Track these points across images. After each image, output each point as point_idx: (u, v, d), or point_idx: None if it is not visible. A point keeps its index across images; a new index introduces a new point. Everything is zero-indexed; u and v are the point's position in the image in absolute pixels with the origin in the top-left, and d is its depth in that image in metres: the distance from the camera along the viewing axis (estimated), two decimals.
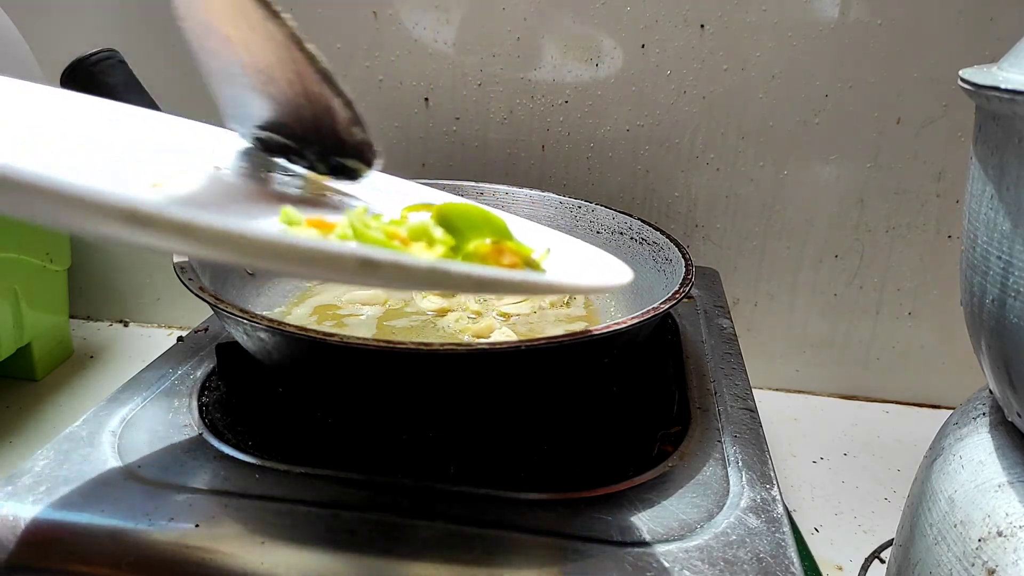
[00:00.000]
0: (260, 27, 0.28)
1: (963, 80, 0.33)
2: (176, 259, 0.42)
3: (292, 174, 0.38)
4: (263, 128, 0.35)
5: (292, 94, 0.31)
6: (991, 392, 0.38)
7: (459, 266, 0.25)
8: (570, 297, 0.53)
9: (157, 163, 0.33)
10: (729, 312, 0.58)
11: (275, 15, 0.27)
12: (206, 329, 0.51)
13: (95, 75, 0.45)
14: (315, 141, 0.33)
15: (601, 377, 0.46)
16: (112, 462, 0.36)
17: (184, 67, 0.73)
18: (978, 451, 0.37)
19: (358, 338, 0.33)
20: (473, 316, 0.50)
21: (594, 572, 0.30)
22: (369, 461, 0.37)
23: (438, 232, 0.30)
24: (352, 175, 0.36)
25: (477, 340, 0.46)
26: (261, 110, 0.33)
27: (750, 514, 0.34)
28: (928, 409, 0.75)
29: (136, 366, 0.45)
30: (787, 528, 0.33)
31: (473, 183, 0.62)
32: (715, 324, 0.55)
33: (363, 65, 0.71)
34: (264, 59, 0.30)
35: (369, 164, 0.34)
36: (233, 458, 0.37)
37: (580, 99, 0.70)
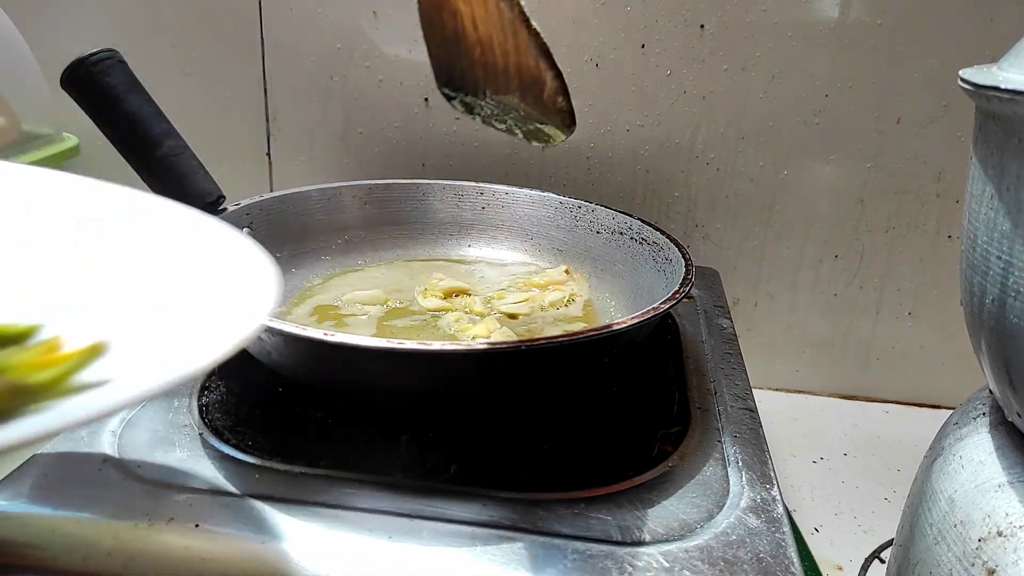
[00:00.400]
0: (492, 5, 0.34)
1: (963, 80, 0.33)
2: None
3: None
4: (470, 92, 0.40)
5: (505, 64, 0.36)
6: (991, 392, 0.38)
7: None
8: (569, 299, 0.53)
9: None
10: (729, 312, 0.58)
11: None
12: None
13: (95, 75, 0.45)
14: (516, 107, 0.38)
15: (601, 377, 0.46)
16: (112, 462, 0.36)
17: (184, 67, 0.74)
18: (978, 451, 0.37)
19: (358, 338, 0.33)
20: (475, 317, 0.50)
21: (594, 572, 0.30)
22: (369, 461, 0.37)
23: None
24: (547, 139, 0.40)
25: (477, 340, 0.46)
26: (473, 76, 0.38)
27: (750, 514, 0.34)
28: (928, 409, 0.75)
29: None
30: (787, 528, 0.33)
31: (473, 183, 0.62)
32: (715, 324, 0.55)
33: (363, 65, 0.71)
34: (486, 32, 0.35)
35: (568, 131, 0.38)
36: (233, 458, 0.37)
37: (580, 99, 0.69)
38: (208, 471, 0.36)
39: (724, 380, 0.47)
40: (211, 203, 0.49)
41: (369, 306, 0.51)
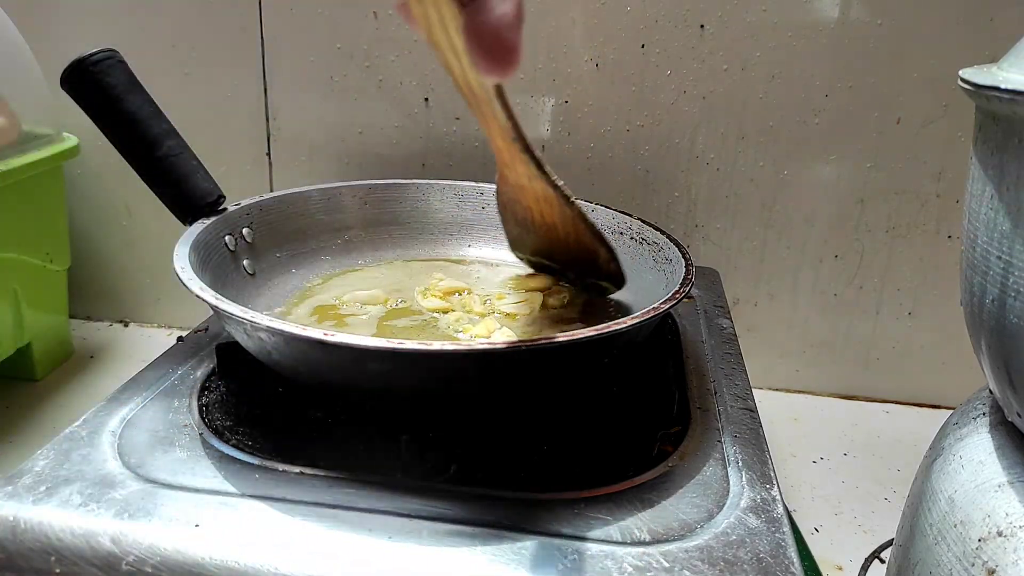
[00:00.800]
0: (557, 207, 0.44)
1: (963, 80, 0.33)
2: (176, 259, 0.42)
3: None
4: (538, 255, 0.53)
5: (566, 240, 0.47)
6: (991, 392, 0.38)
7: None
8: (568, 301, 0.53)
9: None
10: (729, 312, 0.58)
11: (571, 203, 0.44)
12: (206, 329, 0.51)
13: (95, 75, 0.45)
14: (574, 267, 0.51)
15: (601, 377, 0.46)
16: (112, 462, 0.36)
17: (184, 67, 0.74)
18: (978, 451, 0.37)
19: (358, 338, 0.33)
20: (475, 317, 0.50)
21: (594, 572, 0.30)
22: (369, 461, 0.37)
23: None
24: (603, 292, 0.51)
25: (477, 340, 0.46)
26: (540, 245, 0.51)
27: (750, 514, 0.34)
28: (928, 409, 0.75)
29: (136, 366, 0.45)
30: (787, 528, 0.33)
31: (473, 183, 0.62)
32: (715, 324, 0.55)
33: (363, 65, 0.71)
34: (552, 218, 0.46)
35: (618, 288, 0.50)
36: (233, 458, 0.37)
37: (580, 99, 0.70)
38: (208, 471, 0.36)
39: (724, 380, 0.47)
40: (211, 203, 0.49)
41: (369, 306, 0.51)
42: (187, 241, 0.44)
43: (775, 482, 0.37)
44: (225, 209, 0.50)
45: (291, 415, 0.41)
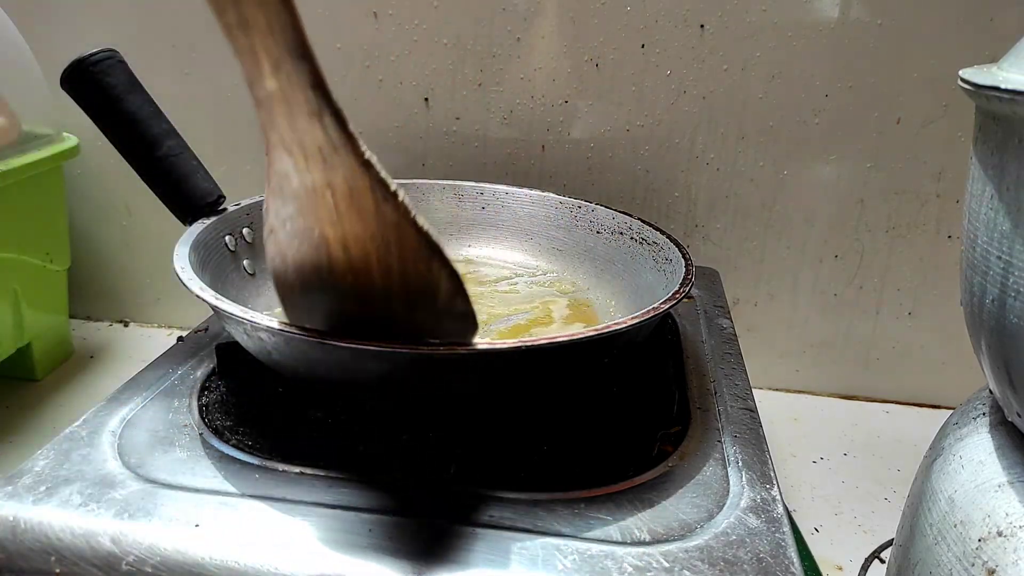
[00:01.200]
0: (371, 209, 0.27)
1: (963, 80, 0.33)
2: (176, 259, 0.42)
3: None
4: (345, 317, 0.34)
5: (385, 281, 0.30)
6: (991, 392, 0.38)
7: None
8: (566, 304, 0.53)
9: None
10: (729, 312, 0.58)
11: (393, 195, 0.26)
12: (206, 329, 0.51)
13: (95, 75, 0.45)
14: (407, 321, 0.32)
15: (601, 377, 0.46)
16: (112, 462, 0.36)
17: (184, 67, 0.74)
18: (978, 451, 0.37)
19: (358, 338, 0.33)
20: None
21: (594, 572, 0.30)
22: (369, 461, 0.37)
23: None
24: (448, 346, 0.33)
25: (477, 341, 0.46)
26: (343, 309, 0.33)
27: (750, 514, 0.34)
28: (928, 409, 0.75)
29: (136, 366, 0.45)
30: (787, 528, 0.33)
31: (473, 183, 0.62)
32: (715, 324, 0.55)
33: (363, 65, 0.71)
34: (361, 250, 0.29)
35: (469, 337, 0.32)
36: (233, 458, 0.37)
37: (580, 99, 0.70)
38: (208, 471, 0.36)
39: (724, 380, 0.47)
40: (211, 203, 0.49)
41: None
42: (187, 241, 0.44)
43: (775, 482, 0.37)
44: (225, 209, 0.50)
45: (291, 415, 0.41)
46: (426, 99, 0.71)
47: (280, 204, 0.29)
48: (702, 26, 0.66)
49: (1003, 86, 0.30)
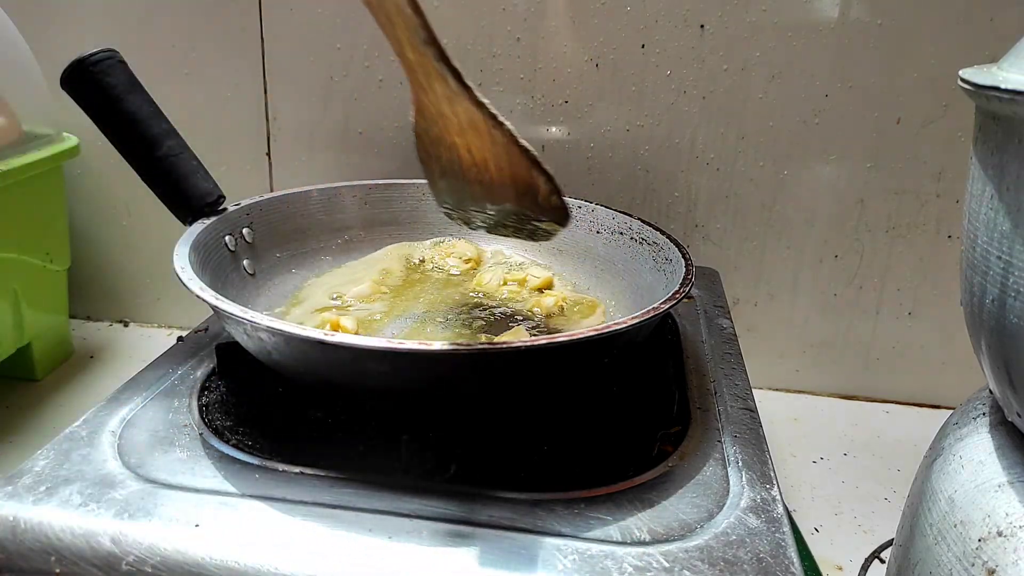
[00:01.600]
0: (485, 132, 0.37)
1: (963, 80, 0.33)
2: (176, 259, 0.42)
3: None
4: (473, 206, 0.43)
5: (500, 178, 0.39)
6: (991, 392, 0.38)
7: None
8: (564, 304, 0.53)
9: None
10: (729, 312, 0.58)
11: (500, 124, 0.36)
12: (206, 329, 0.51)
13: (95, 75, 0.45)
14: (516, 212, 0.41)
15: (601, 377, 0.46)
16: (112, 462, 0.36)
17: (184, 67, 0.74)
18: (978, 451, 0.37)
19: (358, 338, 0.33)
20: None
21: (594, 572, 0.30)
22: (369, 461, 0.37)
23: None
24: (547, 235, 0.43)
25: (478, 340, 0.46)
26: (474, 193, 0.42)
27: (750, 514, 0.34)
28: (928, 409, 0.75)
29: (136, 366, 0.45)
30: (787, 528, 0.33)
31: None
32: (715, 324, 0.55)
33: (363, 65, 0.71)
34: (481, 156, 0.38)
35: (563, 225, 0.40)
36: (233, 458, 0.37)
37: (580, 99, 0.70)
38: (208, 471, 0.36)
39: (724, 380, 0.47)
40: (211, 203, 0.49)
41: (368, 304, 0.51)
42: (187, 241, 0.45)
43: (775, 482, 0.37)
44: (225, 209, 0.50)
45: (291, 415, 0.41)
46: None
47: (421, 119, 0.40)
48: (702, 26, 0.66)
49: (1003, 86, 0.30)
